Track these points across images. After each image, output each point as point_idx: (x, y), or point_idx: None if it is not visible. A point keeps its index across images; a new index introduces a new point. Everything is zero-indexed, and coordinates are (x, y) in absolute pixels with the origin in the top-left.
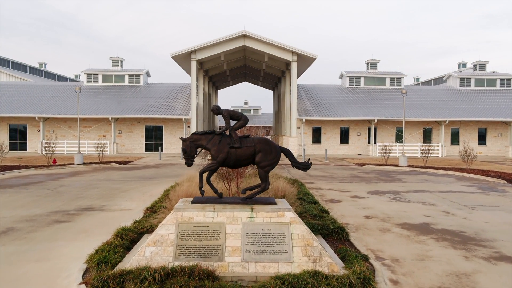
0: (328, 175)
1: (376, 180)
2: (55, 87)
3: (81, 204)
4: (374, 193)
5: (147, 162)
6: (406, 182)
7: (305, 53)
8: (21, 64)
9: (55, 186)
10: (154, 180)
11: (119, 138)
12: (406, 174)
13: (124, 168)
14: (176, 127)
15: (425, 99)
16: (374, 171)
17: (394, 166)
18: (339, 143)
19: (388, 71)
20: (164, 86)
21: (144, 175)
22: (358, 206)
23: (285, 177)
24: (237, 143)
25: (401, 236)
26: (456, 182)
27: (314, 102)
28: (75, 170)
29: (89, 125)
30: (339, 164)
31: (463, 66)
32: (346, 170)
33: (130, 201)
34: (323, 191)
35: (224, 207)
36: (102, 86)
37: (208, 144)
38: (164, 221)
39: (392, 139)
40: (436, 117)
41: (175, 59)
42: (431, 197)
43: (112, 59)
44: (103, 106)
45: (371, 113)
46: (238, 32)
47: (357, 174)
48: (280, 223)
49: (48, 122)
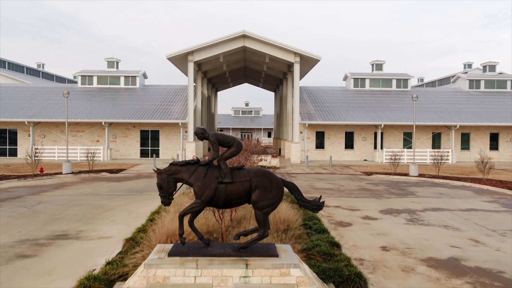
0: (335, 187)
1: (387, 194)
2: (47, 89)
3: (55, 230)
4: (388, 212)
5: (140, 171)
6: (420, 196)
7: (308, 54)
8: (18, 65)
9: (33, 203)
10: (144, 195)
11: (114, 143)
12: (419, 186)
13: (115, 179)
14: (173, 131)
15: (433, 102)
16: (384, 182)
17: (404, 176)
18: (344, 149)
19: (394, 73)
20: (161, 88)
21: (134, 188)
22: (372, 231)
23: (286, 193)
24: (227, 177)
25: (429, 279)
26: (475, 196)
27: (317, 105)
28: (61, 181)
29: (82, 130)
30: (345, 172)
31: (469, 66)
32: (353, 180)
33: (112, 225)
34: (330, 209)
35: (210, 262)
36: (97, 88)
37: (190, 178)
38: (131, 281)
39: (399, 144)
40: (446, 121)
41: (171, 60)
42: (452, 218)
43: (107, 60)
44: (97, 109)
45: (378, 117)
46: (237, 32)
47: (365, 186)
48: (284, 285)
49: (39, 127)
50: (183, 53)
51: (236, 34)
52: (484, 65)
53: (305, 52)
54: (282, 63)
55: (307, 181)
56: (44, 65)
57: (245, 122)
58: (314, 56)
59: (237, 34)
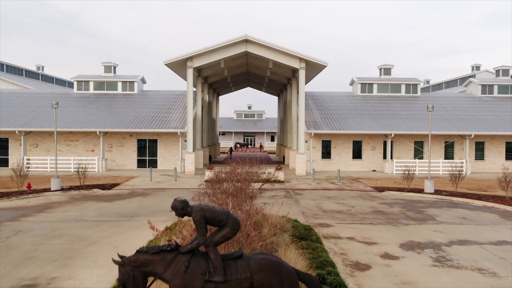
0: (345, 208)
1: (404, 219)
2: (42, 95)
3: (23, 276)
4: (409, 247)
5: (135, 186)
6: (442, 222)
7: (314, 60)
8: (16, 68)
9: (9, 233)
10: (135, 221)
11: (109, 153)
12: (437, 206)
13: (106, 197)
14: (172, 140)
15: (445, 108)
16: (398, 202)
17: (419, 193)
18: (351, 159)
19: (403, 77)
20: (160, 94)
21: (125, 211)
22: (396, 278)
23: (292, 228)
24: (219, 273)
25: None
26: (503, 222)
27: (323, 112)
28: (48, 201)
29: (76, 139)
30: (355, 188)
31: (477, 68)
32: (364, 199)
33: (92, 269)
34: (343, 242)
35: None
36: (94, 94)
37: (165, 272)
38: None
39: (410, 154)
40: (460, 130)
41: (170, 66)
42: (485, 256)
43: (104, 65)
44: (92, 117)
45: (387, 126)
46: (239, 37)
47: (379, 207)
48: None
49: (32, 136)
50: (182, 58)
51: (238, 38)
52: (497, 69)
53: (311, 58)
54: (286, 69)
55: (314, 201)
56: (43, 68)
57: (247, 126)
58: (321, 61)
59: (239, 38)
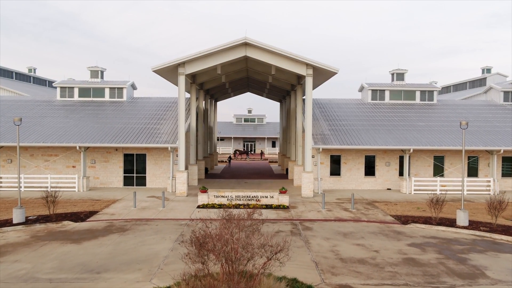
0: (368, 255)
1: (447, 276)
2: (21, 103)
3: None
4: None
5: (114, 216)
6: (498, 282)
7: (323, 66)
8: (6, 70)
9: None
10: (100, 281)
11: (92, 169)
12: (480, 251)
13: (75, 236)
14: (163, 155)
15: (466, 118)
16: (430, 242)
17: (451, 227)
18: (363, 176)
19: (418, 83)
20: (151, 101)
21: (92, 261)
22: None
23: None
24: None
25: None
26: None
27: (331, 123)
28: (2, 242)
29: (55, 153)
30: (373, 218)
31: (488, 71)
32: (388, 238)
33: None
34: None
35: None
36: (78, 101)
37: None
38: None
39: (429, 171)
40: (488, 145)
41: (159, 73)
42: None
43: (90, 69)
44: (73, 129)
45: (405, 140)
46: (238, 40)
47: (409, 253)
48: None
49: (4, 150)
50: (172, 64)
51: (237, 42)
52: None
53: (319, 64)
54: (290, 75)
55: (328, 240)
56: (35, 70)
57: (247, 131)
58: (330, 68)
59: (237, 42)
